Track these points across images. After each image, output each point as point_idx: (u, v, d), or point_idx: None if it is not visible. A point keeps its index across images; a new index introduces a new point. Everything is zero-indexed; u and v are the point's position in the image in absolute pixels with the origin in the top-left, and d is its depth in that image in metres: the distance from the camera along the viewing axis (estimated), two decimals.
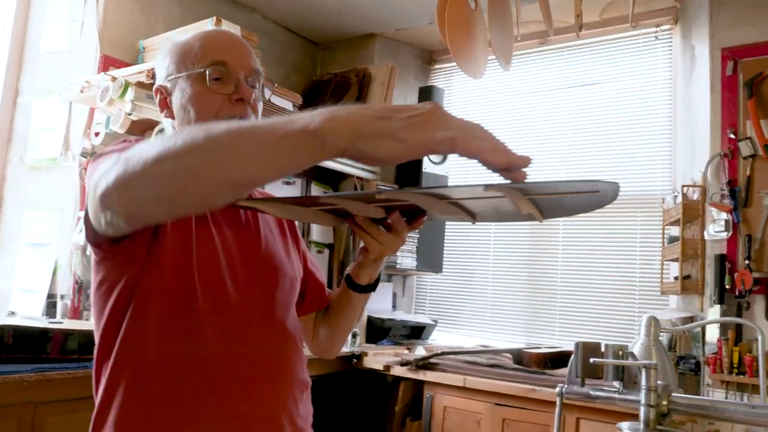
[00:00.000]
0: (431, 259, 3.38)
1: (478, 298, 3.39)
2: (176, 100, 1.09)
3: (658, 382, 1.21)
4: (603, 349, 1.42)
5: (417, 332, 3.26)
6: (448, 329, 3.45)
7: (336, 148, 0.68)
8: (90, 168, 0.90)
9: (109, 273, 0.98)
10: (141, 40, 2.70)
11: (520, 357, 2.66)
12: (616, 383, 1.33)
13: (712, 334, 2.33)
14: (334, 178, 3.44)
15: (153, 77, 2.21)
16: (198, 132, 0.71)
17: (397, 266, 3.24)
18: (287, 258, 1.15)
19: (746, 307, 2.29)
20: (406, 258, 3.28)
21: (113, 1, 2.66)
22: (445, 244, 3.45)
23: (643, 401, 1.22)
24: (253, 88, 1.09)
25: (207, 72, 1.05)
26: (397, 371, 2.63)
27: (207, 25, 2.43)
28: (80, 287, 2.43)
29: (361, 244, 1.09)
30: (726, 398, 2.25)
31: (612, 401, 1.31)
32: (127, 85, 2.19)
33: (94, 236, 0.92)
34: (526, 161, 0.70)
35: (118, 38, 2.67)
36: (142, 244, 0.96)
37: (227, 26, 2.40)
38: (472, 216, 0.96)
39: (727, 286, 2.33)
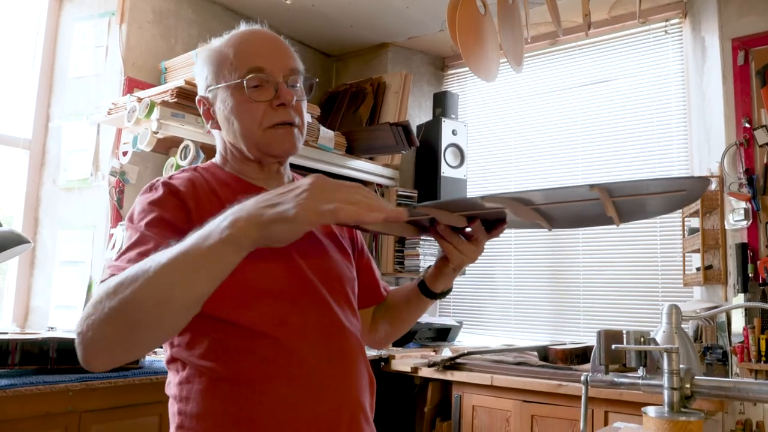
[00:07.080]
0: None
1: (501, 298, 3.42)
2: (219, 112, 1.10)
3: (681, 365, 1.24)
4: (625, 336, 1.45)
5: (443, 334, 3.30)
6: (473, 330, 3.48)
7: (250, 244, 0.79)
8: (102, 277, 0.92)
9: None
10: (163, 62, 2.79)
11: (545, 354, 2.67)
12: (639, 369, 1.36)
13: (738, 323, 2.33)
14: None
15: (176, 96, 2.30)
16: (141, 273, 0.78)
17: (421, 270, 3.29)
18: (344, 257, 1.17)
19: None
20: (428, 261, 3.33)
21: (135, 27, 2.77)
22: None
23: (666, 385, 1.25)
24: (293, 89, 1.09)
25: (245, 82, 1.05)
26: (425, 372, 2.66)
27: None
28: None
29: (440, 254, 1.12)
30: None
31: (636, 387, 1.34)
32: (152, 105, 2.27)
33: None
34: (400, 214, 0.82)
35: (140, 61, 2.77)
36: None
37: None
38: (550, 222, 1.01)
39: (750, 275, 2.34)
